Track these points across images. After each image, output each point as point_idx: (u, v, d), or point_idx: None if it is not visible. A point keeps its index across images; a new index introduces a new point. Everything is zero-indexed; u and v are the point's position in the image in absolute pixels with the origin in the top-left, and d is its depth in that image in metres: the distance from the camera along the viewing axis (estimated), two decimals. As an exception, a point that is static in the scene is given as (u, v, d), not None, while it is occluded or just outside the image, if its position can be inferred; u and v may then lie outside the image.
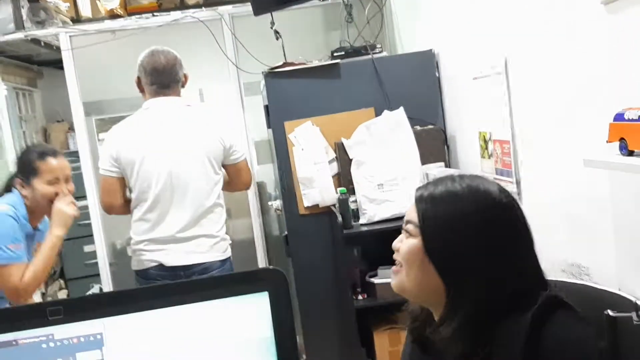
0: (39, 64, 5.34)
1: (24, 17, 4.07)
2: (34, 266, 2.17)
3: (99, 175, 3.78)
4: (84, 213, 4.79)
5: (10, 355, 0.90)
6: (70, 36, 3.65)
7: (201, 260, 2.35)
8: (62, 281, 5.04)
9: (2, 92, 4.19)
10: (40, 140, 5.38)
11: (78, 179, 4.02)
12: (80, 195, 4.16)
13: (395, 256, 1.16)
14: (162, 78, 2.53)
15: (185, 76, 2.63)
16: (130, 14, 4.99)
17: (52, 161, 2.30)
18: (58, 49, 4.30)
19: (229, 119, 3.15)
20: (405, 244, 1.13)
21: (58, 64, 5.13)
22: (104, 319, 0.91)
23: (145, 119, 2.53)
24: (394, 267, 1.16)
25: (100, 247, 3.74)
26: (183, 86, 2.61)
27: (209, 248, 2.41)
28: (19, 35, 3.75)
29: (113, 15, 4.98)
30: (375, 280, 2.68)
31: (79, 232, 4.91)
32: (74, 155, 4.96)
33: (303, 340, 2.90)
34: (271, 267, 0.95)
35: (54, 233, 2.26)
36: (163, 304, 0.93)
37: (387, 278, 2.65)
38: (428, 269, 1.07)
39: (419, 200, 1.13)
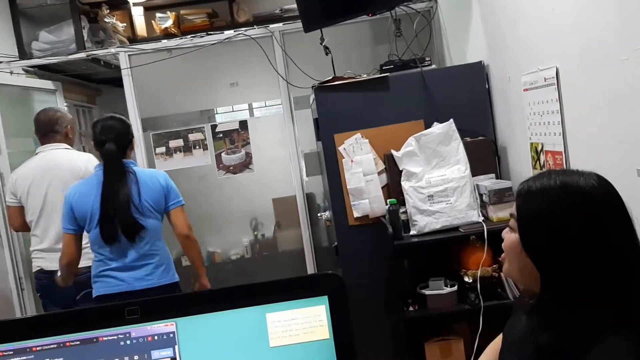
0: (97, 82, 5.58)
1: (85, 37, 4.28)
2: None
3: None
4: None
5: (92, 352, 0.98)
6: (129, 55, 3.81)
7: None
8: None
9: (64, 109, 4.40)
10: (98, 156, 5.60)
11: (135, 192, 4.18)
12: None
13: (503, 245, 1.20)
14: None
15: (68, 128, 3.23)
16: (183, 32, 5.19)
17: None
18: (116, 68, 4.49)
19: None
20: (507, 237, 1.18)
21: (115, 82, 5.36)
22: (176, 319, 0.98)
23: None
24: (502, 255, 1.21)
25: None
26: (67, 136, 3.23)
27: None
28: (81, 55, 3.94)
29: (167, 34, 5.18)
30: (426, 292, 2.68)
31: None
32: (130, 169, 5.16)
33: (353, 351, 2.92)
34: (330, 272, 1.00)
35: None
36: (230, 305, 0.99)
37: (438, 289, 2.68)
38: (526, 261, 1.11)
39: (518, 195, 1.16)
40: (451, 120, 2.76)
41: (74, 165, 3.06)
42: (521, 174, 2.66)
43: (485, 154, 2.84)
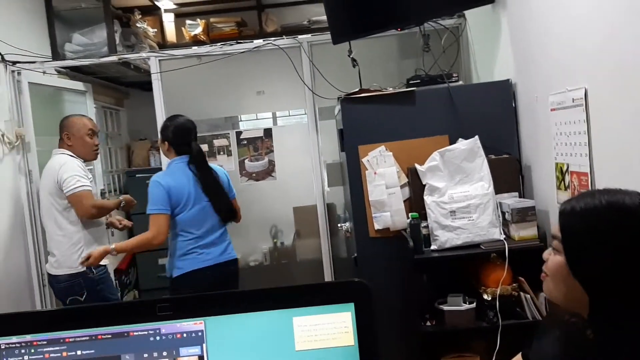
0: (126, 85, 5.68)
1: (117, 41, 4.37)
2: None
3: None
4: (161, 227, 5.02)
5: (123, 346, 1.00)
6: (159, 60, 3.87)
7: (53, 273, 3.23)
8: (136, 292, 5.26)
9: (93, 110, 4.49)
10: (124, 157, 5.70)
11: (159, 194, 4.24)
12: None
13: (544, 266, 1.19)
14: None
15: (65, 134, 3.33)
16: (212, 40, 5.28)
17: None
18: (145, 72, 4.58)
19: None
20: (551, 260, 1.15)
21: (143, 86, 5.46)
22: (206, 318, 1.00)
23: None
24: (542, 274, 1.20)
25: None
26: (66, 142, 3.31)
27: (58, 264, 3.20)
28: (113, 58, 4.02)
29: (196, 41, 5.27)
30: (445, 307, 2.68)
31: (155, 245, 5.15)
32: (154, 172, 5.23)
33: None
34: (357, 279, 1.01)
35: None
36: (258, 307, 1.01)
37: (457, 305, 2.67)
38: (573, 284, 1.09)
39: (561, 215, 1.13)
40: (476, 137, 2.77)
41: (52, 170, 3.21)
42: (545, 193, 2.65)
43: (509, 172, 2.84)
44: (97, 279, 3.23)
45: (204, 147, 4.02)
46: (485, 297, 2.62)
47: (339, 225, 3.75)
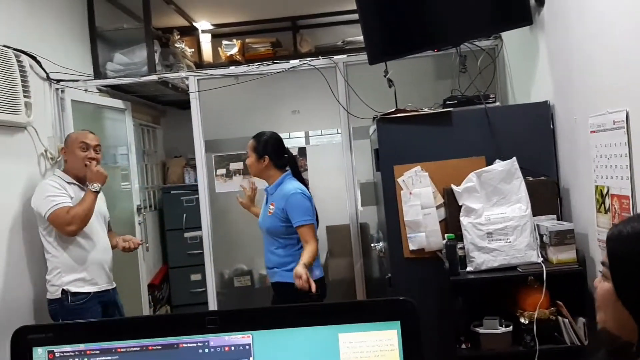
0: (163, 104, 5.80)
1: (156, 60, 4.48)
2: None
3: (213, 208, 4.05)
4: (196, 244, 5.10)
5: (172, 357, 1.03)
6: (198, 79, 3.96)
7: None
8: (168, 307, 5.31)
9: (131, 127, 4.59)
10: (160, 174, 5.81)
11: (195, 211, 4.31)
12: (196, 226, 4.46)
13: (595, 294, 1.16)
14: None
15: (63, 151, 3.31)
16: (247, 60, 5.38)
17: None
18: (182, 91, 4.68)
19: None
20: (600, 287, 1.12)
21: (180, 104, 5.58)
22: (253, 332, 1.02)
23: None
24: (596, 303, 1.16)
25: (209, 277, 3.94)
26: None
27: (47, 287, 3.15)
28: (153, 77, 4.12)
29: (232, 61, 5.38)
30: (480, 330, 2.64)
31: (188, 262, 5.22)
32: (188, 189, 5.33)
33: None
34: (403, 298, 1.02)
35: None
36: (305, 323, 1.02)
37: (493, 329, 2.63)
38: (622, 311, 1.06)
39: (609, 240, 1.10)
40: (514, 158, 2.75)
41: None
42: (584, 216, 2.61)
43: (547, 195, 2.80)
44: (72, 308, 3.06)
45: (239, 166, 4.08)
46: (522, 320, 2.59)
47: (372, 245, 3.75)
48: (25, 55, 3.39)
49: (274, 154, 3.19)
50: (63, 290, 3.07)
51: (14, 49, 3.28)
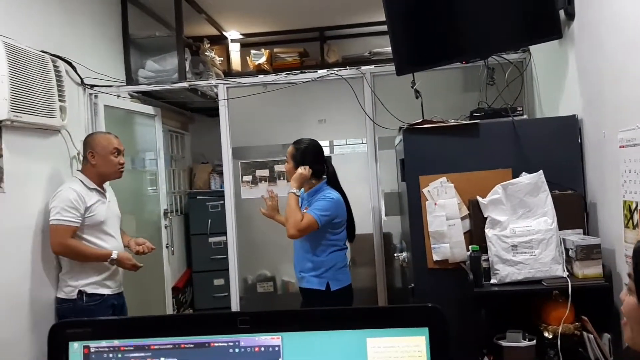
0: (191, 111, 5.90)
1: (187, 68, 4.57)
2: None
3: (239, 214, 4.10)
4: (220, 249, 5.16)
5: (203, 355, 1.05)
6: (227, 87, 4.02)
7: None
8: (191, 311, 5.37)
9: (161, 133, 4.68)
10: (186, 179, 5.89)
11: (220, 216, 4.37)
12: (220, 231, 4.52)
13: (622, 308, 1.15)
14: None
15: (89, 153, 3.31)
16: (274, 69, 5.45)
17: None
18: (210, 98, 4.76)
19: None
20: (626, 301, 1.11)
21: (208, 112, 5.67)
22: (283, 333, 1.04)
23: None
24: (623, 319, 1.15)
25: (233, 281, 3.98)
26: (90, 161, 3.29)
27: (59, 286, 3.24)
28: (184, 84, 4.20)
29: (260, 70, 5.45)
30: (504, 343, 2.62)
31: (212, 266, 5.28)
32: (214, 194, 5.40)
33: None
34: (431, 304, 1.03)
35: None
36: (334, 326, 1.04)
37: (516, 342, 2.62)
38: None
39: (634, 254, 1.10)
40: (541, 171, 2.74)
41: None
42: (611, 231, 2.59)
43: (573, 209, 2.79)
44: (85, 309, 3.15)
45: (265, 173, 4.13)
46: (546, 334, 2.57)
47: (395, 254, 3.75)
48: (61, 60, 3.50)
49: (314, 162, 3.23)
50: (79, 291, 3.15)
51: (51, 55, 3.38)
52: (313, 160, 3.23)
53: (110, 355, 1.08)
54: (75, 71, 3.72)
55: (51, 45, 3.43)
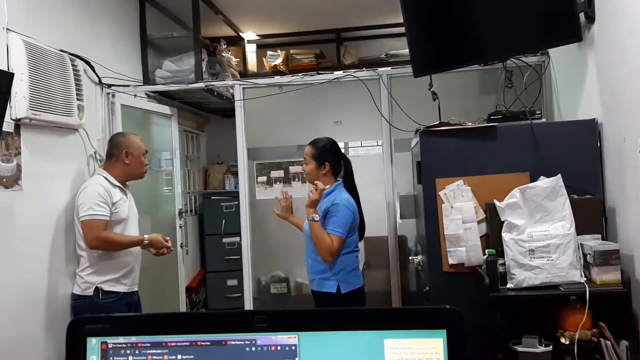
0: (207, 111, 5.92)
1: (203, 69, 4.59)
2: None
3: (253, 214, 4.10)
4: (234, 249, 5.17)
5: (220, 353, 1.05)
6: (243, 88, 4.03)
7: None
8: (204, 311, 5.38)
9: (177, 133, 4.70)
10: (201, 179, 5.91)
11: (234, 216, 4.37)
12: (234, 231, 4.53)
13: None
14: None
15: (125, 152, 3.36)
16: (290, 70, 5.45)
17: None
18: (226, 99, 4.78)
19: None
20: None
21: (223, 112, 5.69)
22: (300, 333, 1.04)
23: None
24: None
25: (247, 282, 3.98)
26: (123, 160, 3.36)
27: (75, 282, 3.26)
28: (200, 85, 4.21)
29: (275, 71, 5.46)
30: (519, 348, 2.60)
31: (225, 266, 5.30)
32: (228, 195, 5.42)
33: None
34: (449, 307, 1.02)
35: None
36: (351, 326, 1.03)
37: (532, 347, 2.59)
38: None
39: None
40: (559, 175, 2.71)
41: (78, 192, 3.27)
42: (630, 237, 2.55)
43: (591, 214, 2.75)
44: (102, 305, 3.19)
45: (279, 174, 4.13)
46: (562, 340, 2.53)
47: (409, 257, 3.73)
48: (79, 59, 3.53)
49: (334, 160, 3.21)
50: (96, 287, 3.18)
51: (70, 54, 3.41)
52: (332, 158, 3.21)
53: (128, 351, 1.08)
54: (94, 70, 3.75)
55: (70, 44, 3.46)
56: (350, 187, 3.24)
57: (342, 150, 4.85)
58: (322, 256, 3.00)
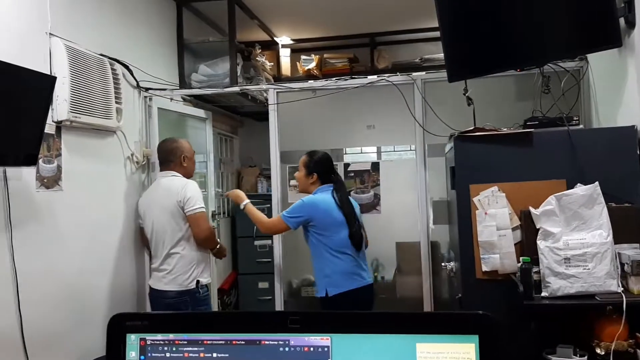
0: (241, 115, 5.99)
1: (238, 73, 4.64)
2: None
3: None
4: (265, 252, 5.21)
5: (254, 353, 1.07)
6: (277, 92, 4.06)
7: (162, 288, 3.35)
8: (236, 312, 5.42)
9: (211, 136, 4.76)
10: (234, 182, 5.98)
11: (267, 219, 4.39)
12: (266, 234, 4.55)
13: None
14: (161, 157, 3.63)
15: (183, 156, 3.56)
16: (324, 75, 5.47)
17: None
18: (260, 102, 4.82)
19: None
20: None
21: (257, 116, 5.74)
22: (332, 334, 1.05)
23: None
24: None
25: (278, 285, 4.01)
26: (181, 164, 3.54)
27: (169, 280, 3.34)
28: (235, 88, 4.27)
29: (309, 75, 5.49)
30: (553, 358, 2.55)
31: (257, 269, 5.34)
32: (260, 198, 5.45)
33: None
34: (482, 312, 1.02)
35: None
36: (384, 330, 1.04)
37: (567, 357, 2.54)
38: None
39: None
40: (596, 183, 2.66)
41: (171, 191, 3.41)
42: (671, 247, 2.49)
43: (630, 222, 2.69)
44: (203, 299, 3.40)
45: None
46: (598, 351, 2.48)
47: (442, 264, 3.71)
48: (118, 63, 3.61)
49: (323, 173, 3.37)
50: (197, 281, 3.37)
51: (109, 58, 3.49)
52: (322, 170, 3.39)
53: (165, 348, 1.11)
54: (132, 74, 3.84)
55: (109, 48, 3.55)
56: (343, 197, 3.35)
57: (375, 155, 4.91)
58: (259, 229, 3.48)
